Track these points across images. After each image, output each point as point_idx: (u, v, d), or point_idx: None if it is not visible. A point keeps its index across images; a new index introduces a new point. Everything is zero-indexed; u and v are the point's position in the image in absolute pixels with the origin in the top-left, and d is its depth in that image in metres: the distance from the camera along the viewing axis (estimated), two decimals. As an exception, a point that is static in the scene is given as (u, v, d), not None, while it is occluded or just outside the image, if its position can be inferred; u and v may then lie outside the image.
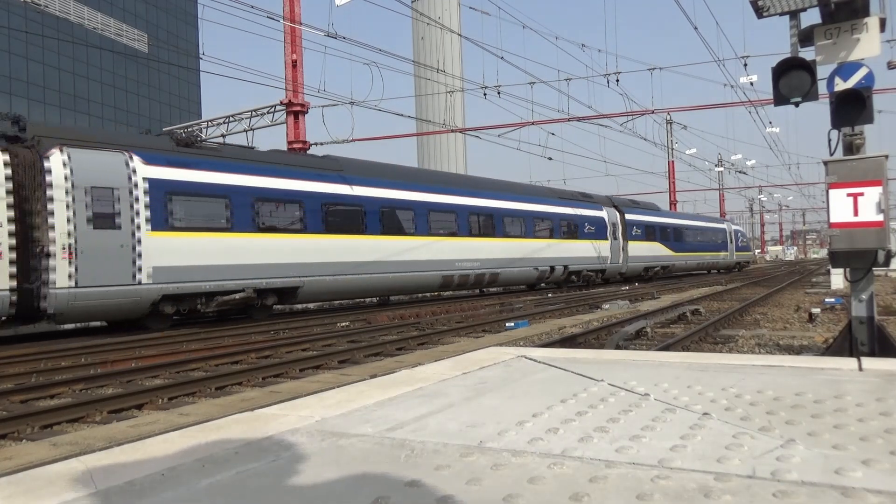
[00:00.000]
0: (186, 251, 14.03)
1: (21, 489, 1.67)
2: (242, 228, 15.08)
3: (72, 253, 12.31)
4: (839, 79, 6.38)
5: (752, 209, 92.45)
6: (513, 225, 24.07)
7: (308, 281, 16.44)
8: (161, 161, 13.89)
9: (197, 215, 14.32)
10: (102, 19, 54.32)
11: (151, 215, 13.45)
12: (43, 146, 12.48)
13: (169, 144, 14.72)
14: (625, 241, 31.27)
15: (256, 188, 15.49)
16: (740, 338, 10.87)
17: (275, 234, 15.75)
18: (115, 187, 12.97)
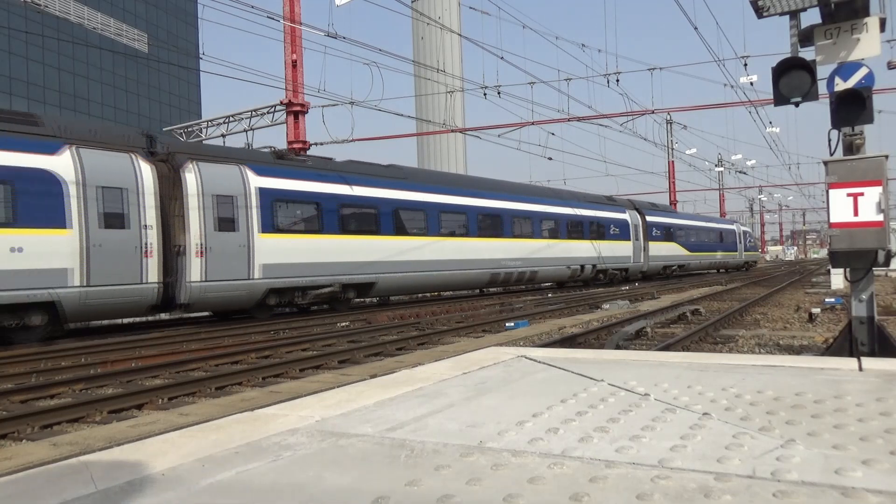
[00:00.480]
0: (288, 250, 16.10)
1: (21, 489, 1.67)
2: (330, 231, 17.26)
3: (202, 252, 14.40)
4: (839, 79, 6.38)
5: (752, 209, 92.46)
6: (549, 227, 26.11)
7: (382, 277, 18.64)
8: (267, 172, 16.01)
9: (295, 219, 16.50)
10: (102, 19, 54.33)
11: (261, 219, 15.58)
12: (177, 160, 14.48)
13: (270, 157, 16.92)
14: (646, 241, 33.17)
15: (341, 195, 17.70)
16: (740, 338, 10.87)
17: (355, 236, 17.94)
18: (234, 195, 15.15)
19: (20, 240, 11.84)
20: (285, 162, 17.04)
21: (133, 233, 13.35)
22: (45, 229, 12.16)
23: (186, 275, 14.09)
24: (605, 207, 30.67)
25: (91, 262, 12.62)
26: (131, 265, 13.28)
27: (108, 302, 13.01)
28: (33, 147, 12.28)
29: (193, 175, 14.49)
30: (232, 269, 14.90)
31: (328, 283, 17.17)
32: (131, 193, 13.40)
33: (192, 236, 14.24)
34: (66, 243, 12.36)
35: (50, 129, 12.89)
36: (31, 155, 12.19)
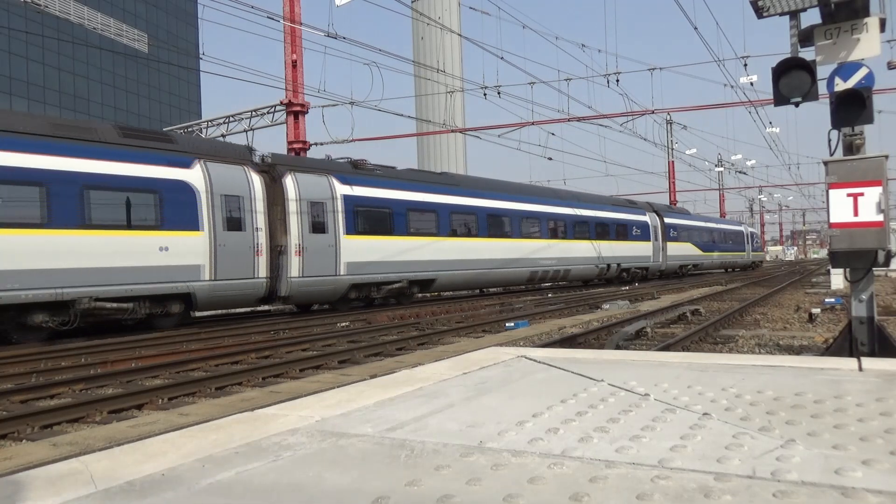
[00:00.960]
0: (366, 250, 18.22)
1: (21, 489, 1.67)
2: (399, 233, 19.43)
3: (300, 251, 16.41)
4: (839, 79, 6.38)
5: (752, 209, 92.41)
6: (580, 229, 28.23)
7: (441, 274, 20.83)
8: (348, 181, 18.17)
9: (371, 222, 18.57)
10: (102, 19, 54.32)
11: (345, 222, 17.65)
12: (277, 171, 16.53)
13: (349, 167, 19.08)
14: (664, 241, 35.45)
15: (407, 200, 19.89)
16: (740, 338, 10.87)
17: (419, 237, 20.09)
18: (324, 201, 17.26)
19: (166, 240, 13.87)
20: (360, 171, 19.21)
21: (248, 234, 15.39)
22: (183, 231, 14.22)
23: (287, 271, 16.14)
24: (628, 210, 32.79)
25: (217, 259, 14.70)
26: (247, 262, 15.35)
27: (229, 294, 15.11)
28: (173, 162, 14.28)
29: (292, 184, 16.57)
30: (323, 267, 16.98)
31: (398, 279, 19.37)
32: (246, 200, 15.44)
33: (292, 237, 16.30)
34: (199, 243, 14.43)
35: (182, 146, 14.96)
36: (171, 168, 14.21)
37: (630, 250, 31.89)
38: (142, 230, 13.52)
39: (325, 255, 17.02)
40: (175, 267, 13.91)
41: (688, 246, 38.56)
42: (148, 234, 13.58)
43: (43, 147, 12.30)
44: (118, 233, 13.16)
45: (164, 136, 15.10)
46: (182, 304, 14.39)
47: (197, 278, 14.26)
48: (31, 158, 12.09)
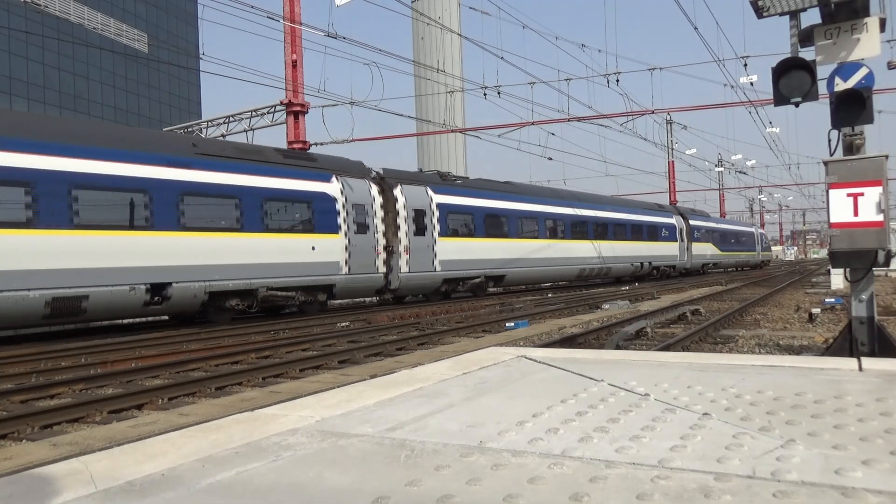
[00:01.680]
0: (455, 250, 21.57)
1: (21, 489, 1.67)
2: (479, 235, 22.72)
3: (407, 251, 19.65)
4: (839, 79, 6.38)
5: (752, 209, 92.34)
6: (619, 231, 31.41)
7: (510, 271, 24.10)
8: (440, 191, 21.53)
9: (458, 226, 21.95)
10: (102, 19, 54.31)
11: (439, 226, 20.98)
12: (388, 183, 19.80)
13: (438, 179, 22.30)
14: (689, 242, 39.04)
15: (484, 207, 23.22)
16: (740, 338, 10.86)
17: (493, 239, 23.39)
18: (424, 209, 20.54)
19: (316, 241, 16.91)
20: (447, 182, 22.51)
21: (371, 237, 18.50)
22: (328, 234, 17.26)
23: (398, 267, 19.38)
24: (658, 213, 36.28)
25: (351, 257, 17.79)
26: (371, 260, 18.47)
27: (357, 286, 18.34)
28: (319, 177, 17.39)
29: (401, 194, 19.83)
30: (423, 264, 20.28)
31: (478, 274, 22.69)
32: (369, 208, 18.55)
33: (401, 239, 19.50)
34: (338, 244, 17.50)
35: (323, 163, 18.02)
36: (318, 182, 17.29)
37: (660, 250, 35.23)
38: (300, 233, 16.66)
39: (425, 254, 20.36)
40: (322, 263, 17.06)
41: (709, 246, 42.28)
42: (304, 237, 16.73)
43: (236, 168, 15.64)
44: (285, 235, 16.27)
45: (308, 156, 18.24)
46: (325, 294, 17.48)
47: (337, 273, 17.48)
48: (229, 177, 15.44)
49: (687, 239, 38.59)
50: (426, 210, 20.52)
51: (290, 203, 16.54)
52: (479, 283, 22.78)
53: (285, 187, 16.43)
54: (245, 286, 15.26)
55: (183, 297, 14.24)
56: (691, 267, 39.33)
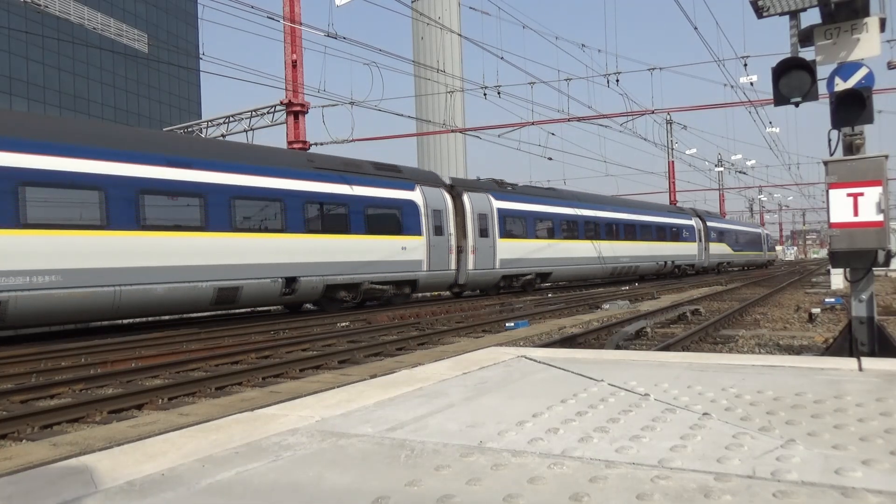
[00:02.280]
0: (511, 249, 24.08)
1: (21, 489, 1.67)
2: (530, 236, 25.27)
3: (474, 250, 22.27)
4: (839, 79, 6.38)
5: (752, 209, 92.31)
6: (646, 232, 34.25)
7: (555, 269, 26.83)
8: (498, 197, 24.07)
9: (513, 228, 24.38)
10: (102, 19, 54.30)
11: (499, 229, 23.51)
12: (457, 190, 22.39)
13: (495, 185, 24.91)
14: (706, 242, 41.97)
15: (535, 211, 25.81)
16: (740, 338, 10.86)
17: (541, 240, 25.97)
18: (486, 213, 23.11)
19: (405, 242, 19.54)
20: (503, 189, 25.08)
21: (445, 238, 21.13)
22: (413, 236, 19.89)
23: (466, 265, 22.01)
24: (679, 216, 39.54)
25: (430, 256, 20.49)
26: (445, 258, 21.15)
27: (435, 281, 21.12)
28: (405, 187, 20.01)
29: (468, 200, 22.39)
30: (486, 262, 22.84)
31: (529, 272, 25.31)
32: (443, 213, 21.18)
33: (469, 240, 22.11)
34: (421, 245, 20.15)
35: (406, 174, 20.77)
36: (405, 191, 19.90)
37: (682, 250, 38.21)
38: (392, 235, 19.21)
39: (487, 253, 22.90)
40: (409, 261, 19.71)
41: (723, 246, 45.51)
42: (395, 239, 19.27)
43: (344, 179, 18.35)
44: (382, 237, 18.85)
45: (395, 168, 20.75)
46: (410, 288, 20.10)
47: (419, 269, 20.12)
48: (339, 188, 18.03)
49: (704, 239, 41.61)
50: (488, 214, 23.16)
51: (384, 209, 19.18)
52: (529, 280, 25.53)
53: (381, 196, 19.15)
54: (352, 280, 18.02)
55: (307, 288, 16.81)
56: (708, 265, 42.23)
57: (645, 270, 34.32)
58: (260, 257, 15.67)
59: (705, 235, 41.88)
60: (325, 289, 17.28)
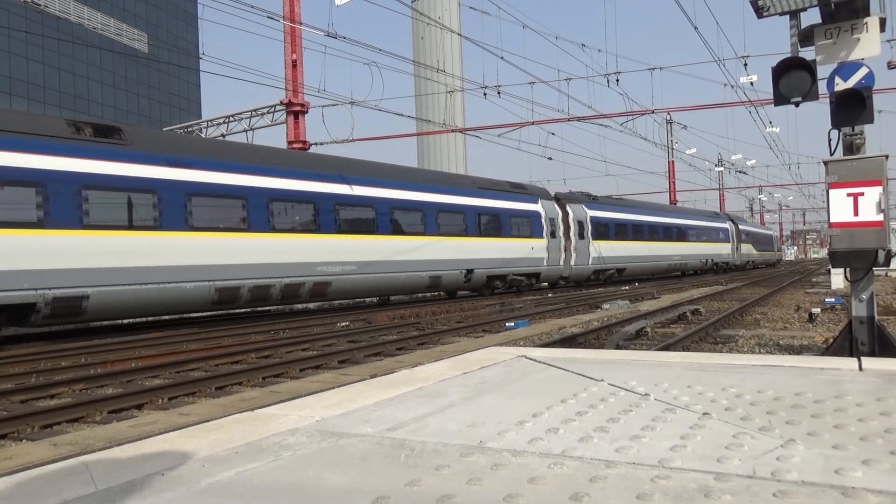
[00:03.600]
0: (600, 249, 29.78)
1: (21, 489, 1.67)
2: (612, 238, 30.93)
3: (575, 250, 28.10)
4: (839, 79, 6.38)
5: (752, 209, 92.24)
6: (693, 234, 40.58)
7: (628, 265, 32.63)
8: (590, 207, 29.95)
9: (602, 233, 30.14)
10: (102, 19, 54.28)
11: (593, 232, 29.42)
12: (562, 202, 28.31)
13: (587, 198, 30.60)
14: (738, 243, 48.79)
15: (615, 218, 31.65)
16: (740, 338, 10.86)
17: (620, 241, 31.70)
18: (583, 220, 28.94)
19: (533, 243, 25.47)
20: (593, 200, 30.95)
21: (558, 240, 27.08)
22: (537, 238, 25.75)
23: (571, 261, 27.94)
24: (716, 219, 46.46)
25: (548, 254, 26.38)
26: (558, 256, 27.02)
27: (551, 274, 27.00)
28: (529, 200, 25.97)
29: (571, 210, 28.33)
30: (583, 259, 28.76)
31: (612, 267, 31.21)
32: (556, 220, 27.07)
33: (572, 241, 27.99)
34: (542, 245, 26.05)
35: (531, 191, 26.83)
36: (530, 204, 25.84)
37: (719, 249, 44.82)
38: (526, 238, 25.18)
39: (584, 252, 28.77)
40: (536, 258, 25.69)
41: (749, 246, 52.35)
42: (527, 241, 25.29)
43: (495, 196, 24.31)
44: (520, 239, 24.94)
45: (522, 186, 26.92)
46: (535, 279, 26.06)
47: (542, 265, 26.10)
48: (496, 203, 24.15)
49: (736, 240, 48.21)
50: (584, 221, 29.04)
51: (520, 218, 25.06)
52: (610, 275, 31.45)
53: (518, 208, 25.10)
54: (501, 272, 24.03)
55: (478, 278, 22.99)
56: (739, 263, 48.84)
57: (692, 266, 40.52)
58: (453, 255, 21.78)
59: (736, 237, 48.37)
60: (487, 279, 23.43)
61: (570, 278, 28.45)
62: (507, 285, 24.65)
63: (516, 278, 24.82)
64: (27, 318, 12.23)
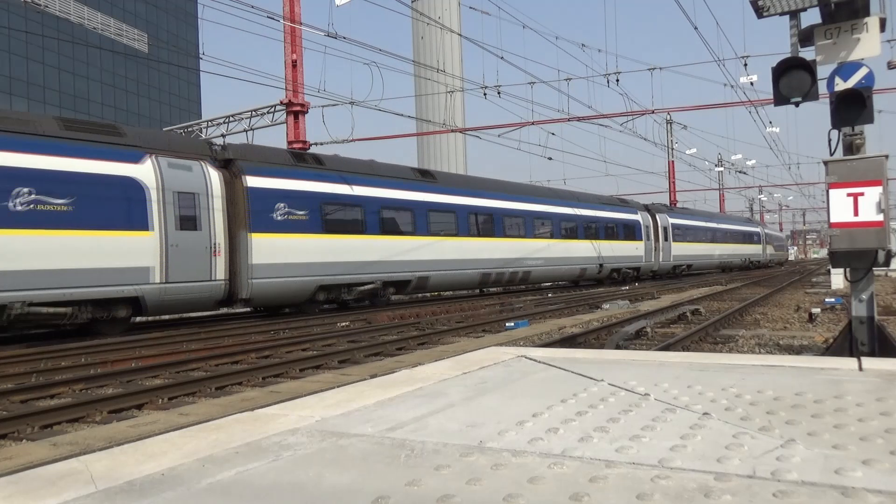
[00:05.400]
0: (677, 249, 37.72)
1: (21, 489, 1.67)
2: (684, 240, 38.83)
3: (661, 250, 35.87)
4: (839, 79, 6.38)
5: (752, 209, 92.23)
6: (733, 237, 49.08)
7: (695, 262, 40.73)
8: (670, 215, 37.85)
9: (677, 236, 37.72)
10: (102, 19, 54.29)
11: (673, 234, 37.45)
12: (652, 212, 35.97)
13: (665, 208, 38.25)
14: (766, 245, 59.67)
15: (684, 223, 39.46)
16: (740, 338, 10.86)
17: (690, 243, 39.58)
18: (667, 226, 36.29)
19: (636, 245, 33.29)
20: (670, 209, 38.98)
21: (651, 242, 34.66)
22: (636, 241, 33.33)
23: (658, 259, 35.74)
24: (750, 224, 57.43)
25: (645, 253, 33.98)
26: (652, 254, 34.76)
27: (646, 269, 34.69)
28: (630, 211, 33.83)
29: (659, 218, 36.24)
30: (666, 257, 36.58)
31: (682, 263, 38.86)
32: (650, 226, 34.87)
33: (659, 243, 35.80)
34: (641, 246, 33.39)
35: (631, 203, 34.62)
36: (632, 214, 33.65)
37: (753, 250, 54.32)
38: (632, 241, 32.83)
39: (667, 252, 36.64)
40: (637, 256, 33.25)
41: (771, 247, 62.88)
42: (633, 243, 32.96)
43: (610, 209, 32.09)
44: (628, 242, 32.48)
45: (624, 200, 35.36)
46: (636, 273, 33.60)
47: (641, 262, 33.91)
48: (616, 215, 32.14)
49: (764, 242, 58.84)
50: (667, 227, 36.94)
51: (629, 226, 32.91)
52: (682, 270, 39.33)
53: (627, 217, 32.97)
54: (618, 266, 31.70)
55: (605, 270, 30.64)
56: (766, 262, 59.19)
57: (735, 264, 49.10)
58: (591, 253, 29.57)
59: (764, 239, 59.14)
60: (610, 271, 31.14)
61: (658, 272, 36.35)
62: (621, 277, 32.41)
63: (626, 271, 32.77)
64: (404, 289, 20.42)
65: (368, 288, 18.68)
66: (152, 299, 13.71)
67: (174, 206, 14.06)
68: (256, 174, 15.95)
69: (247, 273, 15.41)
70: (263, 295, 15.91)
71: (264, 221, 15.82)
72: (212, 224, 14.81)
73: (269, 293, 16.02)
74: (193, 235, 14.40)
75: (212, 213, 14.82)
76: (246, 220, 15.45)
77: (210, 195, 14.82)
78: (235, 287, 15.37)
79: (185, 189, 14.33)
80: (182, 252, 14.09)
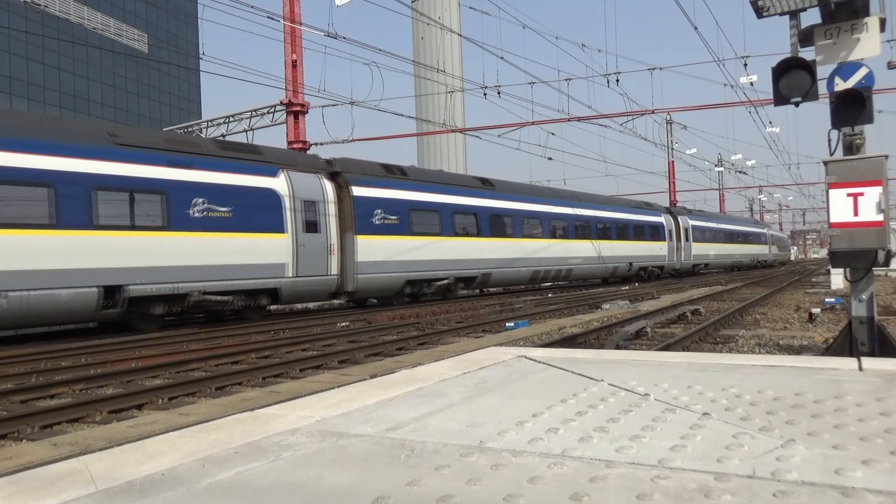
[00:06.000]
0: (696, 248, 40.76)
1: (21, 489, 1.67)
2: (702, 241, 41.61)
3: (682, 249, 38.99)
4: (839, 79, 6.38)
5: (752, 209, 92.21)
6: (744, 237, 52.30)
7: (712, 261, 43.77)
8: (690, 217, 41.28)
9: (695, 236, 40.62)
10: (102, 19, 54.26)
11: (693, 236, 40.60)
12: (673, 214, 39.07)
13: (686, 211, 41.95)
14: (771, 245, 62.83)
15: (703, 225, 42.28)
16: (740, 338, 10.86)
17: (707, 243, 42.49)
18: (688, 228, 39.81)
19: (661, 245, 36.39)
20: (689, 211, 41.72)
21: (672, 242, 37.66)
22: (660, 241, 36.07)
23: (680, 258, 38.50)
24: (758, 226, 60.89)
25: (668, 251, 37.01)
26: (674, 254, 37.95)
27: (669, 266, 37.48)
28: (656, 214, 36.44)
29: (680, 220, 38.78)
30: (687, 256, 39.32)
31: (700, 262, 41.61)
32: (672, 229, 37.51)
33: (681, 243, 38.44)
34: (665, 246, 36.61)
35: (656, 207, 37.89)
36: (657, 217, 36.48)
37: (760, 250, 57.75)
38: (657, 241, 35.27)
39: (688, 251, 39.33)
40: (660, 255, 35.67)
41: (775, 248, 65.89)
42: (658, 243, 35.39)
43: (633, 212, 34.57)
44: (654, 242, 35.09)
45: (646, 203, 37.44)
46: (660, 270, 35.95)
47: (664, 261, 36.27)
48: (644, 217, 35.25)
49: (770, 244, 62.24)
50: (688, 228, 39.71)
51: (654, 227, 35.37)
52: (700, 268, 41.90)
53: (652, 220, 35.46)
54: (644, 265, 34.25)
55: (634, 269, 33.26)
56: (772, 261, 62.87)
57: (745, 263, 52.42)
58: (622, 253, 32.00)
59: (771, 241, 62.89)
60: (638, 269, 33.78)
61: (679, 270, 39.06)
62: (648, 275, 35.00)
63: (652, 269, 35.42)
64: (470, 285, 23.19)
65: (444, 283, 21.21)
66: (287, 290, 16.23)
67: (301, 212, 16.54)
68: (359, 184, 18.59)
69: (353, 269, 17.92)
70: (366, 288, 18.46)
71: (366, 225, 18.41)
72: (328, 227, 17.40)
73: (370, 287, 18.59)
74: (315, 237, 16.91)
75: (328, 218, 17.38)
76: (352, 224, 18.03)
77: (326, 202, 17.39)
78: (343, 281, 17.84)
79: (308, 198, 16.82)
80: (308, 251, 16.60)
